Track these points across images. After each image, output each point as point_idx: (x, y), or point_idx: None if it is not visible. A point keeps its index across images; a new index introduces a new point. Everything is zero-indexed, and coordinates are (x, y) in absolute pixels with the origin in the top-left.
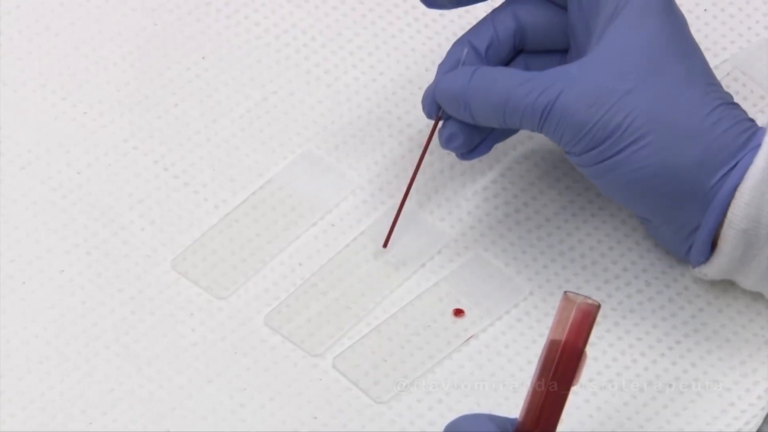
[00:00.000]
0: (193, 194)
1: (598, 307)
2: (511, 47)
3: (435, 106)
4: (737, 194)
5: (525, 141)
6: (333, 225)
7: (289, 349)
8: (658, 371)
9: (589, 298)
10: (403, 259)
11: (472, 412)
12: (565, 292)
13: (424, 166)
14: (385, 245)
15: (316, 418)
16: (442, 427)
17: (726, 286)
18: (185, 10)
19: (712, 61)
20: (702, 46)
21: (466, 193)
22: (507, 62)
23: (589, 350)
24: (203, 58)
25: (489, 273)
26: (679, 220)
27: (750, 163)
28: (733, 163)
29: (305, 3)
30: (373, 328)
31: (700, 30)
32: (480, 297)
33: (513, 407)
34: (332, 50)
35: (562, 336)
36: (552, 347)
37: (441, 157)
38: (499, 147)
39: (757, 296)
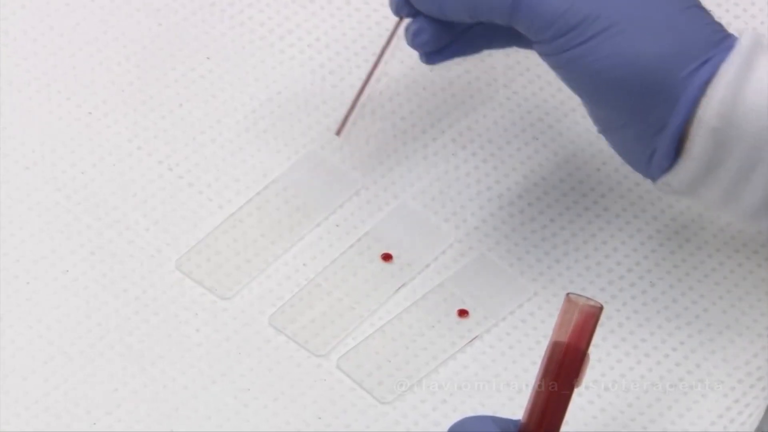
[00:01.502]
0: (197, 194)
1: (601, 309)
2: None
3: (403, 0)
4: (709, 90)
5: (530, 142)
6: (337, 225)
7: (293, 350)
8: (662, 372)
9: (592, 299)
10: (407, 259)
11: (476, 414)
12: (568, 293)
13: (428, 166)
14: (338, 133)
15: (320, 418)
16: (446, 428)
17: (730, 286)
18: (190, 11)
19: None
20: None
21: (470, 194)
22: None
23: (593, 351)
24: (208, 58)
25: (493, 273)
26: (644, 119)
27: (723, 60)
28: (705, 59)
29: (310, 3)
30: (377, 328)
31: None
32: (484, 297)
33: (517, 408)
34: (337, 51)
35: (565, 338)
36: (555, 349)
37: (446, 158)
38: (504, 147)
39: (761, 296)
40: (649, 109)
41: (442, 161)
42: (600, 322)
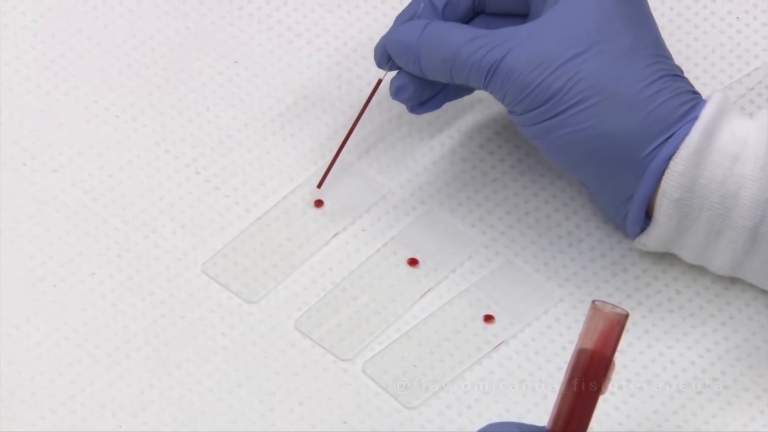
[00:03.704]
0: (224, 198)
1: (627, 316)
2: (469, 7)
3: (386, 56)
4: (671, 164)
5: None
6: (363, 230)
7: (319, 354)
8: (687, 379)
9: (618, 306)
10: (433, 264)
11: (501, 420)
12: (594, 300)
13: (456, 172)
14: (319, 186)
15: (345, 422)
16: None
17: (756, 293)
18: (217, 15)
19: (744, 69)
20: (734, 54)
21: (498, 199)
22: (466, 22)
23: (619, 358)
24: (235, 62)
25: (519, 279)
26: (614, 187)
27: (686, 134)
28: (669, 134)
29: (337, 8)
30: (403, 333)
31: (732, 38)
32: (510, 303)
33: (543, 414)
34: (363, 55)
35: (591, 345)
36: (580, 356)
37: (473, 164)
38: (531, 153)
39: None
40: (617, 179)
41: (469, 167)
42: (626, 328)
